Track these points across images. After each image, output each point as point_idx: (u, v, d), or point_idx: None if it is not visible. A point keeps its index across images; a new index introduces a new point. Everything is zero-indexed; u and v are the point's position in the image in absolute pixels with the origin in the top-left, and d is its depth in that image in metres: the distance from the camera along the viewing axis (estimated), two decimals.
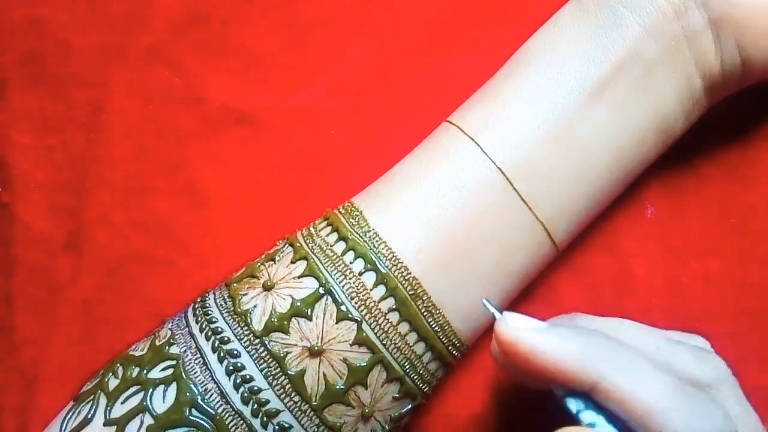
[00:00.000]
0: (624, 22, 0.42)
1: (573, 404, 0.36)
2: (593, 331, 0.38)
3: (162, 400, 0.39)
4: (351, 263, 0.41)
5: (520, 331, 0.36)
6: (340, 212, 0.43)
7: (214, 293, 0.43)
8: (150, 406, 0.39)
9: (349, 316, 0.40)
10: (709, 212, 0.49)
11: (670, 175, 0.49)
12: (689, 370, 0.36)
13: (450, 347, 0.42)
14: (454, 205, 0.41)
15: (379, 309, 0.40)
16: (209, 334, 0.40)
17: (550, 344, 0.36)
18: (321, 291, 0.40)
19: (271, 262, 0.42)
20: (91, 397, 0.41)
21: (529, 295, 0.47)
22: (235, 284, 0.42)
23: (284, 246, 0.43)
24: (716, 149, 0.50)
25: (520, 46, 0.45)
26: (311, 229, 0.43)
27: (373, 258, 0.40)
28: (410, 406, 0.42)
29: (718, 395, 0.35)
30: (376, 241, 0.41)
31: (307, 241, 0.42)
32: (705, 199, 0.49)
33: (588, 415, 0.36)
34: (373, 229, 0.41)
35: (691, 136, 0.46)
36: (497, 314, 0.38)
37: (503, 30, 0.51)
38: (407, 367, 0.41)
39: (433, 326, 0.41)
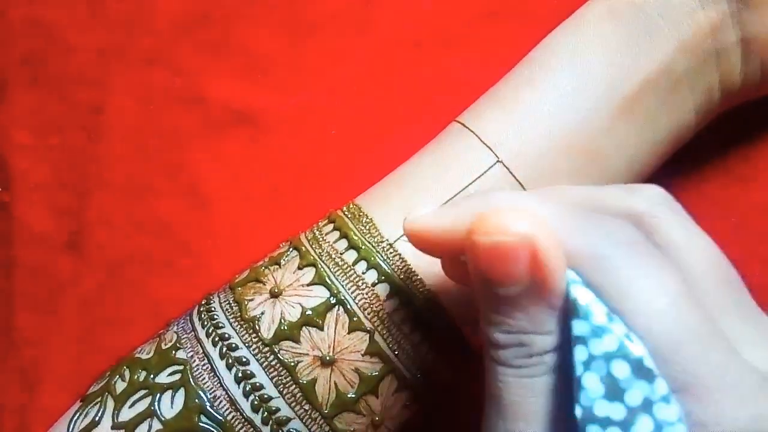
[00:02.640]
0: (658, 33, 0.41)
1: None
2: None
3: (170, 406, 0.39)
4: (363, 273, 0.40)
5: (412, 221, 0.33)
6: (345, 215, 0.43)
7: (218, 296, 0.43)
8: (158, 411, 0.39)
9: (362, 326, 0.40)
10: (710, 212, 0.50)
11: (671, 175, 0.49)
12: (616, 204, 0.32)
13: (463, 356, 0.42)
14: None
15: (392, 320, 0.40)
16: (216, 339, 0.40)
17: (436, 217, 0.33)
18: (332, 301, 0.40)
19: (276, 267, 0.42)
20: (99, 400, 0.40)
21: None
22: (239, 288, 0.42)
23: (289, 250, 0.43)
24: (717, 149, 0.50)
25: (537, 45, 0.45)
26: (316, 232, 0.43)
27: (387, 270, 0.40)
28: (420, 412, 0.42)
29: (658, 224, 0.31)
30: (390, 253, 0.40)
31: (314, 246, 0.42)
32: (705, 199, 0.50)
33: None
34: (387, 240, 0.41)
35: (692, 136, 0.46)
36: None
37: (504, 29, 0.52)
38: (419, 376, 0.41)
39: (447, 336, 0.41)
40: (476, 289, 0.30)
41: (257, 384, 0.39)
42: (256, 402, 0.39)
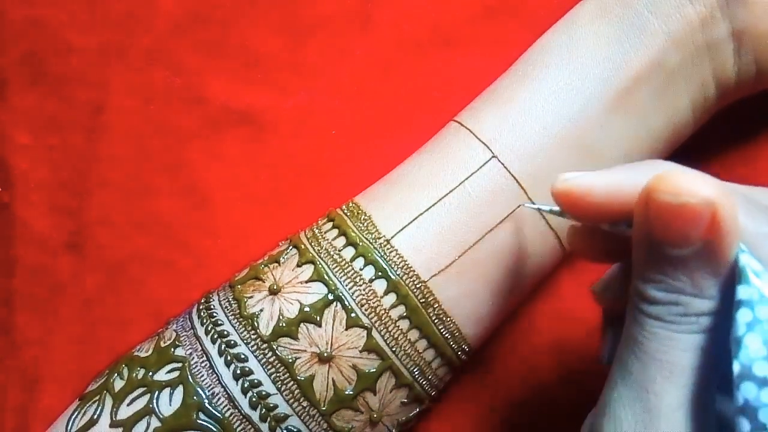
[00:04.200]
0: (648, 28, 0.41)
1: None
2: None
3: (168, 403, 0.39)
4: (361, 270, 0.41)
5: (571, 180, 0.33)
6: (344, 214, 0.43)
7: (218, 294, 0.43)
8: (156, 409, 0.39)
9: (359, 323, 0.40)
10: None
11: None
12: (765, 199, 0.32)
13: (459, 352, 0.42)
14: (468, 213, 0.41)
15: (390, 316, 0.40)
16: (215, 336, 0.40)
17: (599, 178, 0.33)
18: (330, 297, 0.40)
19: (276, 264, 0.42)
20: (97, 398, 0.41)
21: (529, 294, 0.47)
22: (239, 286, 0.42)
23: (288, 247, 0.43)
24: (716, 149, 0.50)
25: (532, 44, 0.45)
26: (315, 230, 0.43)
27: (384, 266, 0.40)
28: (418, 410, 0.42)
29: None
30: (387, 249, 0.41)
31: (312, 244, 0.42)
32: None
33: None
34: (384, 236, 0.41)
35: (692, 135, 0.46)
36: (552, 197, 0.35)
37: (504, 29, 0.52)
38: (416, 373, 0.41)
39: (444, 333, 0.41)
40: (638, 247, 0.30)
41: (255, 381, 0.39)
42: (254, 399, 0.39)
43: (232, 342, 0.40)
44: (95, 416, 0.40)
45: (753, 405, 0.27)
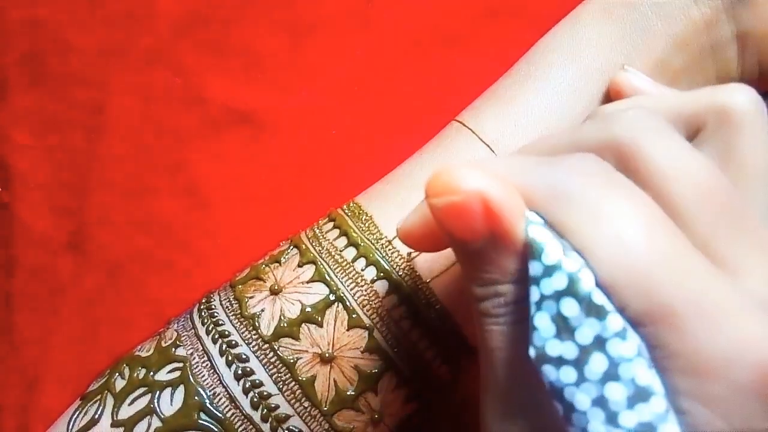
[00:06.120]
0: (651, 29, 0.42)
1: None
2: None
3: (170, 403, 0.39)
4: (362, 270, 0.41)
5: (401, 225, 0.34)
6: (346, 214, 0.43)
7: (219, 294, 0.43)
8: (157, 409, 0.39)
9: (361, 323, 0.40)
10: None
11: None
12: (595, 137, 0.30)
13: (461, 353, 0.42)
14: None
15: (391, 317, 0.40)
16: (216, 336, 0.40)
17: (414, 213, 0.34)
18: (332, 297, 0.40)
19: (277, 264, 0.42)
20: (98, 398, 0.41)
21: None
22: (240, 286, 0.42)
23: (289, 248, 0.43)
24: None
25: (535, 45, 0.45)
26: (316, 230, 0.43)
27: (386, 267, 0.40)
28: (419, 410, 0.42)
29: (638, 151, 0.29)
30: (389, 250, 0.41)
31: (314, 244, 0.42)
32: None
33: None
34: (386, 237, 0.41)
35: None
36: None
37: (504, 29, 0.52)
38: (418, 373, 0.41)
39: (445, 334, 0.41)
40: (452, 249, 0.30)
41: (257, 381, 0.39)
42: (255, 399, 0.39)
43: (233, 342, 0.40)
44: (96, 416, 0.40)
45: (557, 387, 0.26)
